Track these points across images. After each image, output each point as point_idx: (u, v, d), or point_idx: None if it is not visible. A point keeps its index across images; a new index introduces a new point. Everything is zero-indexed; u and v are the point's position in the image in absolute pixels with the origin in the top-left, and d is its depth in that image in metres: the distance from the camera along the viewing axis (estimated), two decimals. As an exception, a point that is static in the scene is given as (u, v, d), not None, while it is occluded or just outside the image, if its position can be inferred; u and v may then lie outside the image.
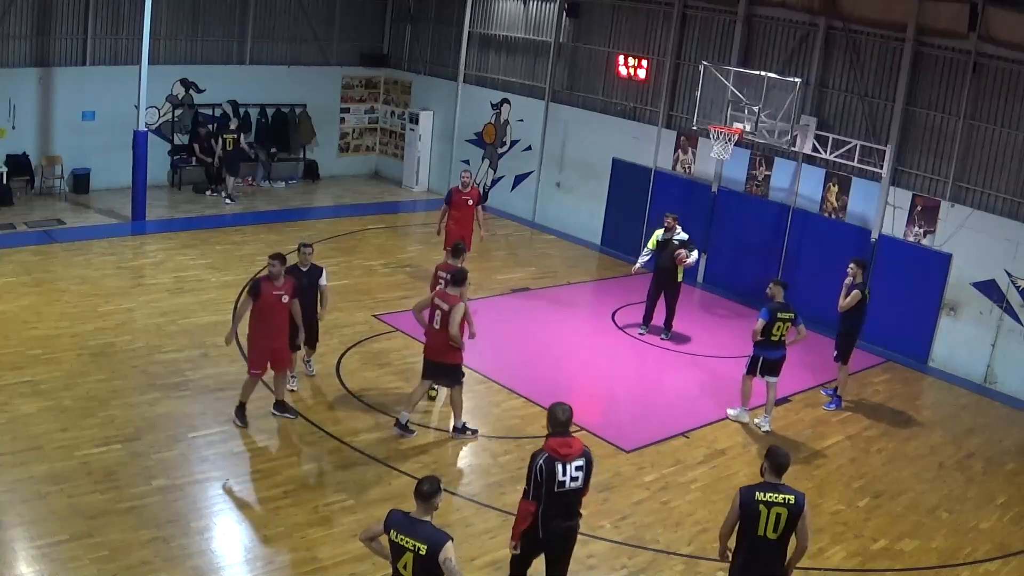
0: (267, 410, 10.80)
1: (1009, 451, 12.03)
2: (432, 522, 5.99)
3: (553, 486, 6.83)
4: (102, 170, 19.30)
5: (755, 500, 6.69)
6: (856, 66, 15.36)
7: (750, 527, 6.72)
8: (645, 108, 18.55)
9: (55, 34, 18.71)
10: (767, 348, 11.39)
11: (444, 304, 10.00)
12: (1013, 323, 13.79)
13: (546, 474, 6.80)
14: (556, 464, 6.82)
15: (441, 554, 5.79)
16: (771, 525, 6.66)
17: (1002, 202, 13.93)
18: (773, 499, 6.66)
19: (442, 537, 5.87)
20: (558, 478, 6.82)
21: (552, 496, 6.86)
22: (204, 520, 8.60)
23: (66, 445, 9.49)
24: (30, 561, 7.68)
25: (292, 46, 22.12)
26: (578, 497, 7.05)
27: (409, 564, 5.89)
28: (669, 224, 14.16)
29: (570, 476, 6.88)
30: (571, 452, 6.89)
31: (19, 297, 13.42)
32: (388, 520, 6.05)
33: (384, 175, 23.97)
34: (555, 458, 6.83)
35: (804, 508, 6.70)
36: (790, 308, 11.36)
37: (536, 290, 16.33)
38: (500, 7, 21.24)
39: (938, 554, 9.36)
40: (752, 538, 6.73)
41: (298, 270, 11.03)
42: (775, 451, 6.94)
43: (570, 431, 7.09)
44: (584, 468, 6.95)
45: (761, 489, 6.75)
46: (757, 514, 6.66)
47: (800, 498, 6.72)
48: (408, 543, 5.87)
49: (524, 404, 11.73)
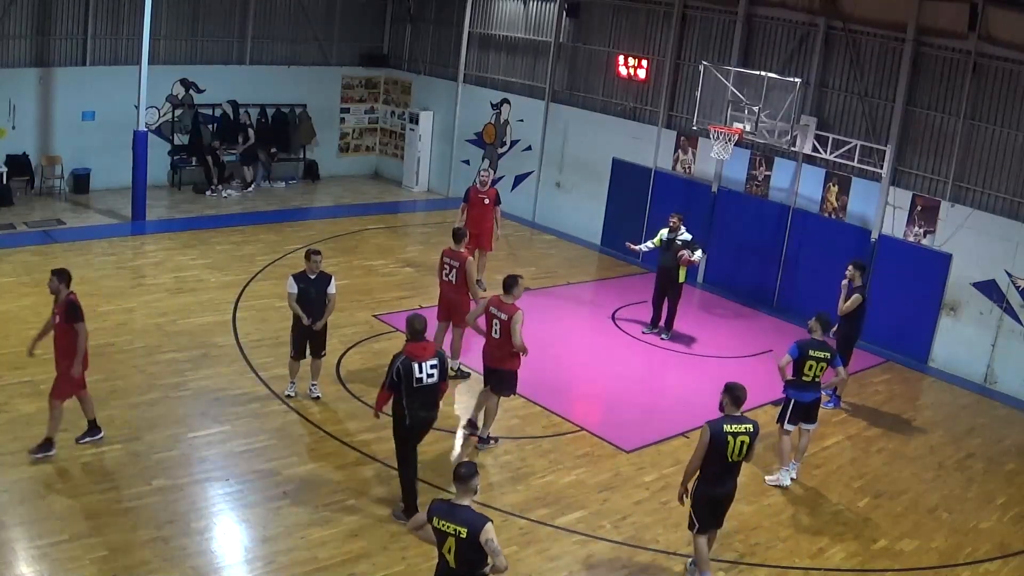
0: (268, 410, 10.80)
1: (1009, 451, 12.03)
2: (472, 506, 6.28)
3: (412, 382, 8.30)
4: (102, 170, 19.29)
5: (723, 431, 7.74)
6: (856, 66, 15.36)
7: (720, 455, 7.78)
8: (645, 108, 18.55)
9: (55, 34, 18.71)
10: (799, 390, 10.17)
11: (502, 314, 10.03)
12: (1013, 323, 13.79)
13: (404, 372, 8.27)
14: (412, 364, 8.29)
15: (482, 535, 6.08)
16: (736, 450, 7.79)
17: (1002, 202, 13.93)
18: (737, 429, 7.77)
19: (481, 519, 6.17)
20: (415, 375, 8.29)
21: (412, 391, 8.33)
22: (204, 520, 8.60)
23: (66, 445, 9.48)
24: (30, 561, 7.68)
25: (292, 46, 22.12)
26: (435, 391, 8.54)
27: (452, 548, 6.17)
28: (674, 224, 14.17)
29: (426, 373, 8.36)
30: (425, 354, 8.40)
31: (19, 297, 13.42)
32: (430, 509, 6.30)
33: (384, 175, 23.97)
34: (412, 359, 8.31)
35: (759, 433, 7.89)
36: (826, 347, 10.16)
37: (536, 290, 16.32)
38: (500, 7, 21.24)
39: (938, 554, 9.36)
40: (722, 463, 7.83)
41: (306, 277, 10.82)
42: (733, 386, 7.96)
43: (424, 337, 8.52)
44: (438, 366, 8.46)
45: (726, 422, 7.81)
46: (725, 443, 7.73)
47: (756, 425, 7.90)
48: (449, 528, 6.14)
49: (524, 404, 11.73)
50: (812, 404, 10.31)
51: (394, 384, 8.35)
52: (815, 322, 10.25)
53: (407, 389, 8.33)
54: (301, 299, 10.77)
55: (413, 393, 8.35)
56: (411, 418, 8.46)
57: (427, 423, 8.67)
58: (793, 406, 10.23)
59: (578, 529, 9.03)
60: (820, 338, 10.20)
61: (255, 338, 12.83)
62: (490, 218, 15.41)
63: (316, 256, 10.86)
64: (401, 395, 8.37)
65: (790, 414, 10.26)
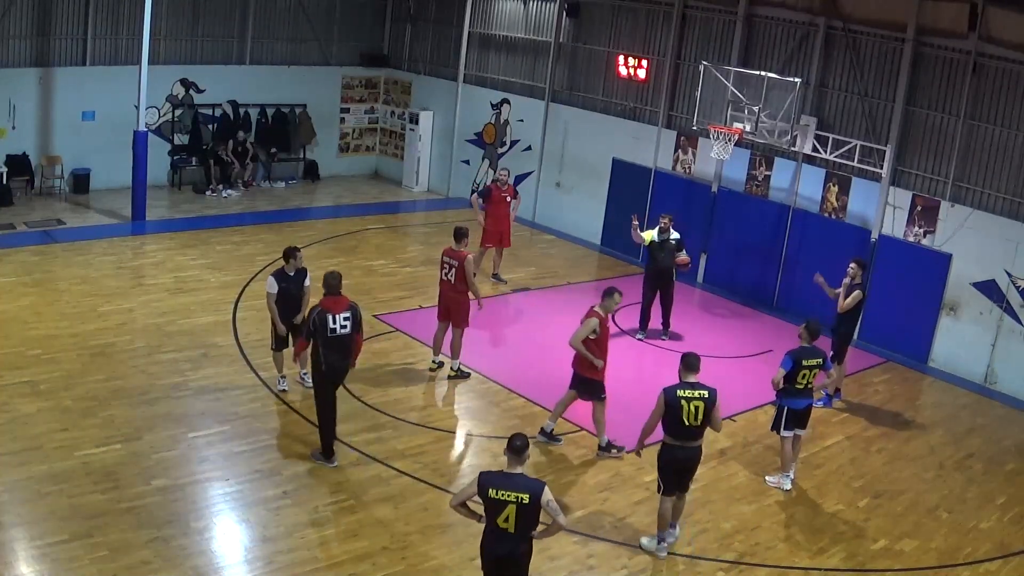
0: (268, 410, 10.81)
1: (1009, 451, 12.03)
2: (525, 473, 6.62)
3: (326, 332, 9.25)
4: (102, 170, 19.30)
5: (677, 396, 8.34)
6: (856, 66, 15.36)
7: (676, 418, 8.37)
8: (645, 108, 18.55)
9: (55, 34, 18.71)
10: (792, 397, 10.13)
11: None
12: (1013, 323, 13.79)
13: (319, 323, 9.24)
14: (327, 315, 9.27)
15: (543, 497, 6.52)
16: (692, 414, 8.34)
17: (1002, 202, 13.93)
18: (691, 395, 8.34)
19: (539, 483, 6.60)
20: (329, 326, 9.26)
21: (327, 340, 9.30)
22: (204, 520, 8.60)
23: (66, 445, 9.49)
24: (30, 561, 7.69)
25: (292, 46, 22.12)
26: (349, 341, 9.46)
27: (512, 515, 6.47)
28: (664, 225, 14.16)
29: (339, 324, 9.32)
30: (338, 307, 9.35)
31: (19, 297, 13.42)
32: (482, 481, 6.54)
33: (384, 175, 23.97)
34: (326, 311, 9.28)
35: (716, 401, 8.41)
36: (818, 352, 10.13)
37: (536, 290, 16.33)
38: (500, 7, 21.24)
39: (938, 554, 9.36)
40: (679, 427, 8.39)
41: (285, 275, 10.92)
42: (686, 354, 8.62)
43: (340, 292, 9.49)
44: (351, 318, 9.42)
45: (680, 387, 8.40)
46: (680, 407, 8.30)
47: (713, 392, 8.43)
48: (510, 496, 6.45)
49: (524, 404, 11.74)
50: (805, 410, 10.29)
51: (311, 334, 9.33)
52: (804, 330, 10.17)
53: (322, 339, 9.30)
54: (282, 297, 10.88)
55: (328, 343, 9.32)
56: (326, 365, 9.40)
57: (341, 370, 9.62)
58: (787, 413, 10.19)
59: (578, 529, 9.03)
60: (810, 344, 10.14)
61: (255, 338, 12.84)
62: (508, 216, 16.05)
63: (297, 253, 11.02)
64: (318, 344, 9.31)
65: (785, 421, 10.21)
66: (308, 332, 9.39)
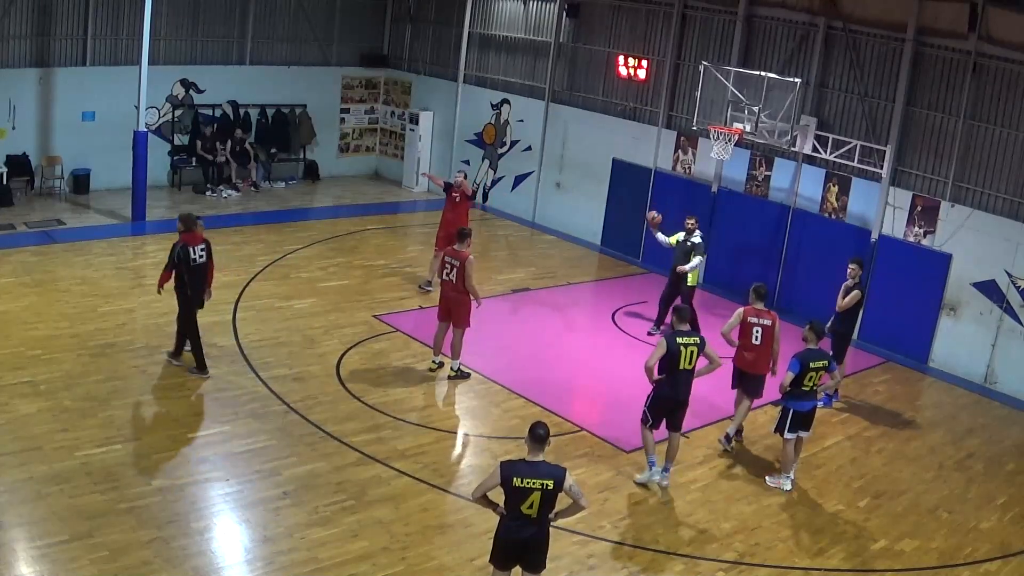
0: (268, 410, 10.81)
1: (1009, 451, 12.03)
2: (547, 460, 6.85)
3: (189, 262, 11.16)
4: (102, 170, 19.29)
5: (677, 343, 9.53)
6: (856, 66, 15.36)
7: (675, 363, 9.54)
8: (645, 108, 18.55)
9: (55, 34, 18.70)
10: (798, 399, 10.09)
11: (764, 320, 10.92)
12: (1013, 323, 13.79)
13: (182, 255, 11.09)
14: (189, 248, 11.14)
15: (566, 482, 6.77)
16: (687, 359, 9.56)
17: (1002, 202, 13.93)
18: (687, 341, 9.60)
19: (560, 469, 6.84)
20: (191, 257, 11.17)
21: (190, 269, 11.17)
22: (204, 520, 8.60)
23: (66, 445, 9.49)
24: (30, 562, 7.68)
25: (292, 46, 22.12)
26: (205, 270, 11.47)
27: (536, 502, 6.71)
28: (689, 227, 14.36)
29: (198, 255, 11.27)
30: (196, 241, 11.25)
31: (19, 297, 13.42)
32: (505, 472, 6.71)
33: (384, 175, 23.97)
34: (188, 245, 11.14)
35: (707, 345, 9.72)
36: (823, 354, 10.20)
37: (536, 290, 16.33)
38: (500, 7, 21.24)
39: (938, 554, 9.36)
40: (676, 371, 9.58)
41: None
42: (679, 307, 10.04)
43: (194, 229, 11.25)
44: (206, 249, 11.41)
45: (678, 335, 9.61)
46: (679, 352, 9.52)
47: (703, 339, 9.76)
48: (536, 483, 6.69)
49: (524, 404, 11.74)
50: (810, 412, 10.24)
51: (175, 264, 11.11)
52: (810, 332, 10.17)
53: (187, 268, 11.16)
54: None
55: (191, 271, 11.20)
56: (192, 289, 11.26)
57: (202, 293, 11.54)
58: (792, 415, 10.15)
59: (578, 529, 9.03)
60: (815, 347, 10.15)
61: (255, 338, 12.84)
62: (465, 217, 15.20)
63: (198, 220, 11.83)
64: (183, 273, 11.13)
65: (789, 423, 10.17)
66: (172, 263, 11.10)
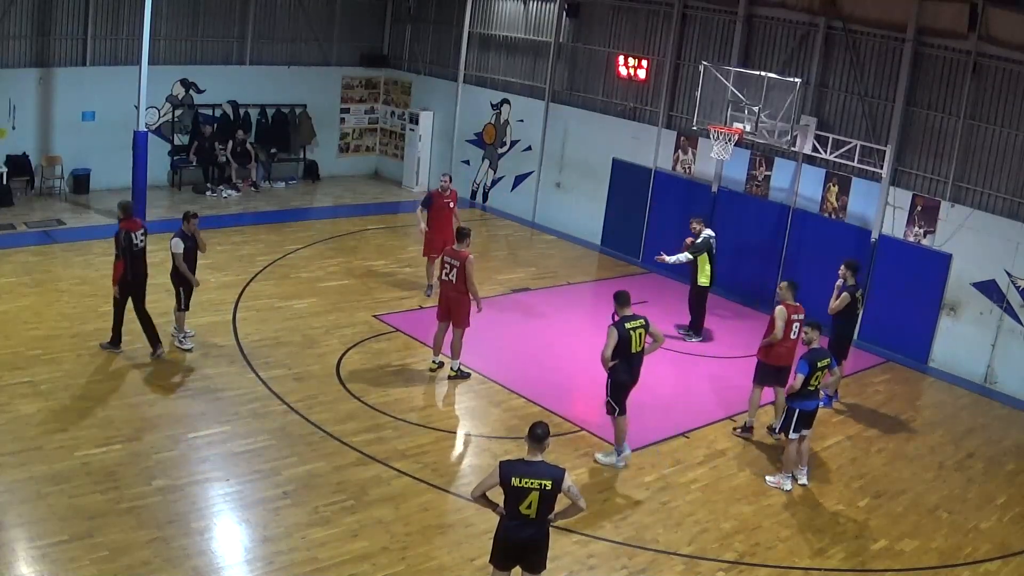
0: (268, 410, 10.81)
1: (1009, 451, 12.03)
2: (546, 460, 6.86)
3: (132, 248, 11.46)
4: (102, 170, 19.29)
5: (626, 328, 10.01)
6: (856, 66, 15.36)
7: (627, 348, 10.03)
8: (645, 108, 18.54)
9: (55, 34, 18.70)
10: (804, 399, 10.18)
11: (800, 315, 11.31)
12: (1013, 323, 13.78)
13: (127, 241, 11.42)
14: (131, 234, 11.47)
15: (564, 483, 6.78)
16: (636, 342, 10.10)
17: (1002, 202, 13.93)
18: (634, 324, 10.08)
19: (559, 470, 6.85)
20: (134, 243, 11.50)
21: (133, 254, 11.49)
22: (204, 520, 8.60)
23: (66, 445, 9.49)
24: (30, 562, 7.68)
25: (292, 46, 22.12)
26: (144, 254, 11.71)
27: (534, 502, 6.72)
28: (694, 230, 14.48)
29: (139, 240, 11.60)
30: (136, 227, 11.62)
31: (19, 297, 13.42)
32: (504, 471, 6.73)
33: (384, 175, 23.97)
34: (130, 231, 11.47)
35: (650, 324, 10.22)
36: (826, 353, 10.34)
37: (536, 290, 16.33)
38: (500, 7, 21.24)
39: (938, 554, 9.36)
40: (629, 355, 10.08)
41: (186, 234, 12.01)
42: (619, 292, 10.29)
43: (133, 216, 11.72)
44: (145, 235, 11.73)
45: (625, 321, 10.05)
46: (629, 338, 10.01)
47: (646, 319, 10.25)
48: (534, 483, 6.69)
49: (524, 404, 11.74)
50: (814, 412, 10.33)
51: (124, 251, 11.35)
52: (813, 331, 10.28)
53: (129, 253, 11.43)
54: (188, 256, 12.00)
55: (133, 256, 11.52)
56: (132, 275, 11.51)
57: (143, 277, 11.71)
58: (797, 415, 10.18)
59: (578, 529, 9.03)
60: (819, 346, 10.28)
61: (255, 338, 12.84)
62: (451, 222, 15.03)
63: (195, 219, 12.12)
64: (127, 259, 11.38)
65: (795, 423, 10.20)
66: (121, 251, 11.36)
